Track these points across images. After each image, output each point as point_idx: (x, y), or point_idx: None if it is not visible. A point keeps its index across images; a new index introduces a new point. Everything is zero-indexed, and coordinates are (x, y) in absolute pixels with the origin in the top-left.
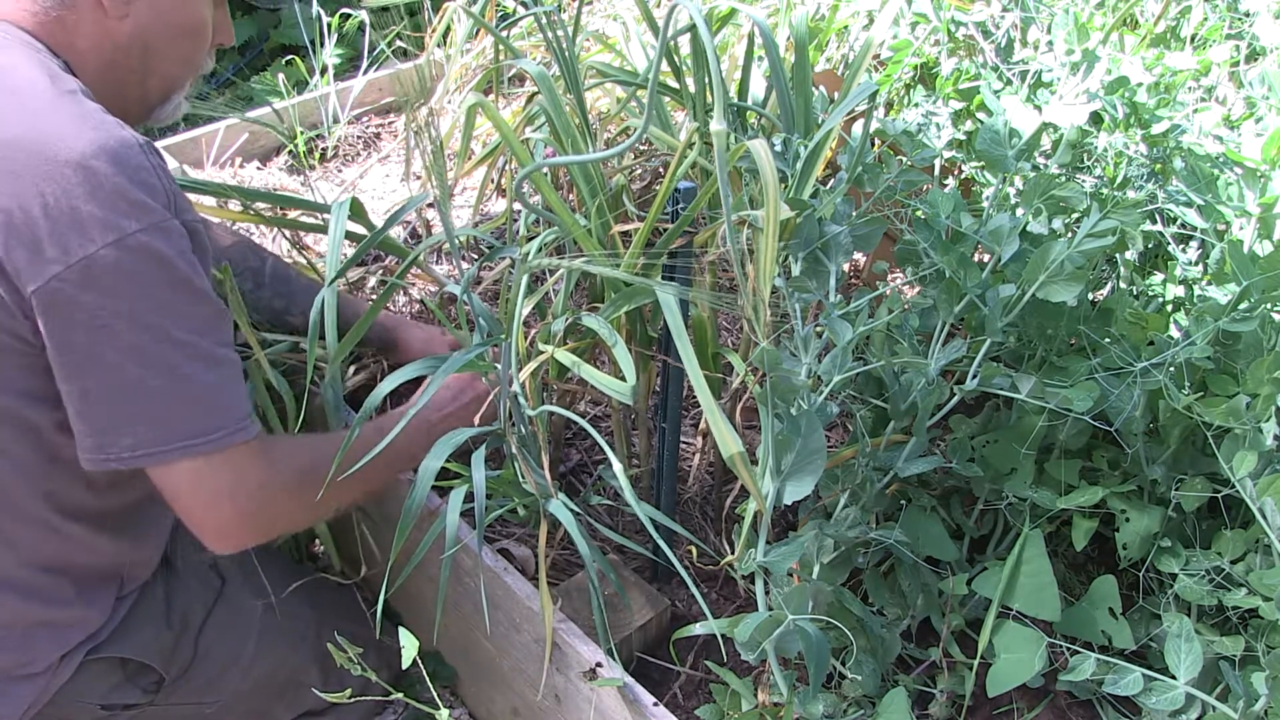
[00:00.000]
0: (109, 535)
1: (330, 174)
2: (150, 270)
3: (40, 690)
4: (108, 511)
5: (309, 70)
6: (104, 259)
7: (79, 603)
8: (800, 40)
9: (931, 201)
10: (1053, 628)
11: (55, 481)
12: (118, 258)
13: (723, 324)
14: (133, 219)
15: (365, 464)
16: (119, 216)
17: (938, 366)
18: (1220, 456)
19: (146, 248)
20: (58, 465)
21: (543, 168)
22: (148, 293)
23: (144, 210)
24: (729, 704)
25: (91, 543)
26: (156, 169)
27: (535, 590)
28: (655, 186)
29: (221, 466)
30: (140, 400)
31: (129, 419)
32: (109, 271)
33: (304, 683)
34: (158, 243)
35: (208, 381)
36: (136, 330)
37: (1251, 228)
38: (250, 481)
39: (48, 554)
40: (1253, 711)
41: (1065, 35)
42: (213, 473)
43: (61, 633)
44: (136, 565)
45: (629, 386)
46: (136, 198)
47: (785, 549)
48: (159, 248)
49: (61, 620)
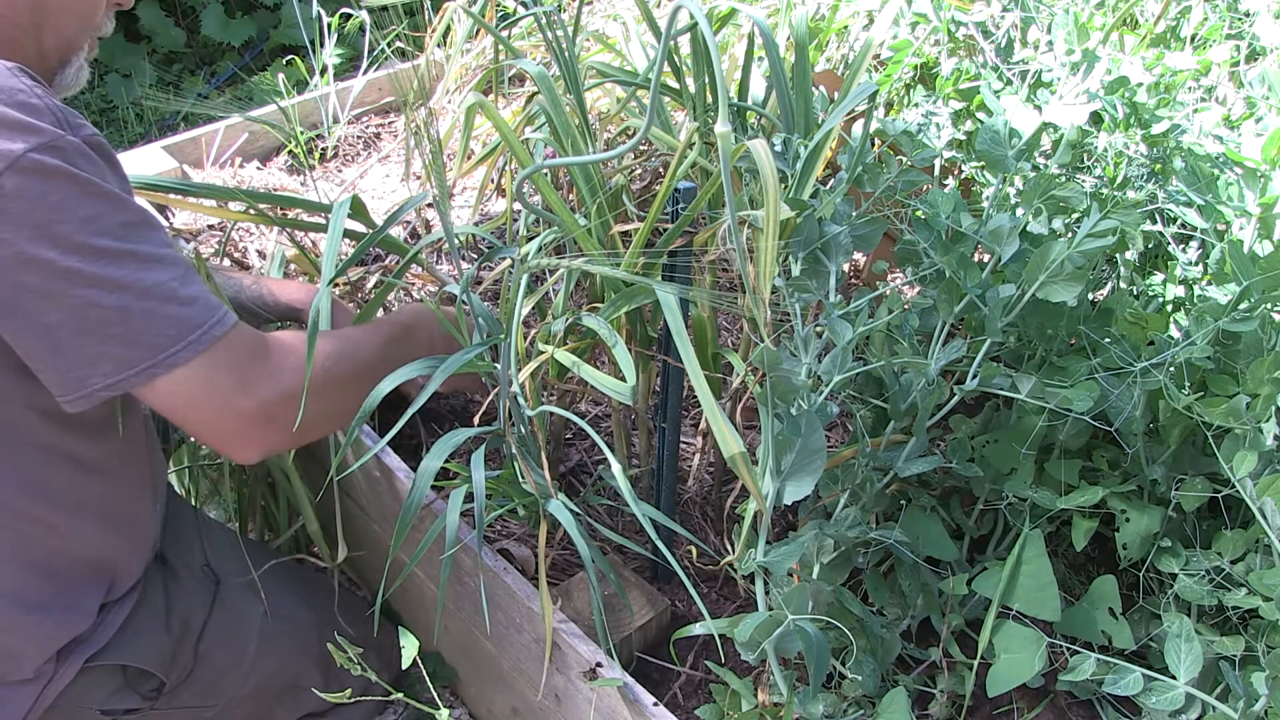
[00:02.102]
0: (89, 521)
1: (330, 174)
2: (56, 187)
3: (35, 696)
4: (86, 497)
5: (309, 70)
6: (1, 189)
7: (58, 606)
8: (800, 40)
9: (931, 201)
10: (1053, 628)
11: (28, 463)
12: (16, 183)
13: (723, 324)
14: (18, 140)
15: (374, 356)
16: (3, 142)
17: (938, 366)
18: (1220, 456)
19: (43, 166)
20: (30, 449)
21: (543, 168)
22: (62, 210)
23: (30, 130)
24: (729, 704)
25: (72, 530)
26: (33, 89)
27: (535, 590)
28: (655, 186)
29: (214, 367)
30: (98, 323)
31: (96, 345)
32: (11, 199)
33: (304, 685)
34: (54, 159)
35: (160, 282)
36: (65, 253)
37: (1251, 228)
38: (252, 374)
39: (24, 548)
40: (1253, 711)
41: (1065, 35)
42: (206, 376)
43: (43, 636)
44: (123, 561)
45: (629, 386)
46: (17, 119)
47: (785, 549)
48: (57, 163)
49: (40, 623)
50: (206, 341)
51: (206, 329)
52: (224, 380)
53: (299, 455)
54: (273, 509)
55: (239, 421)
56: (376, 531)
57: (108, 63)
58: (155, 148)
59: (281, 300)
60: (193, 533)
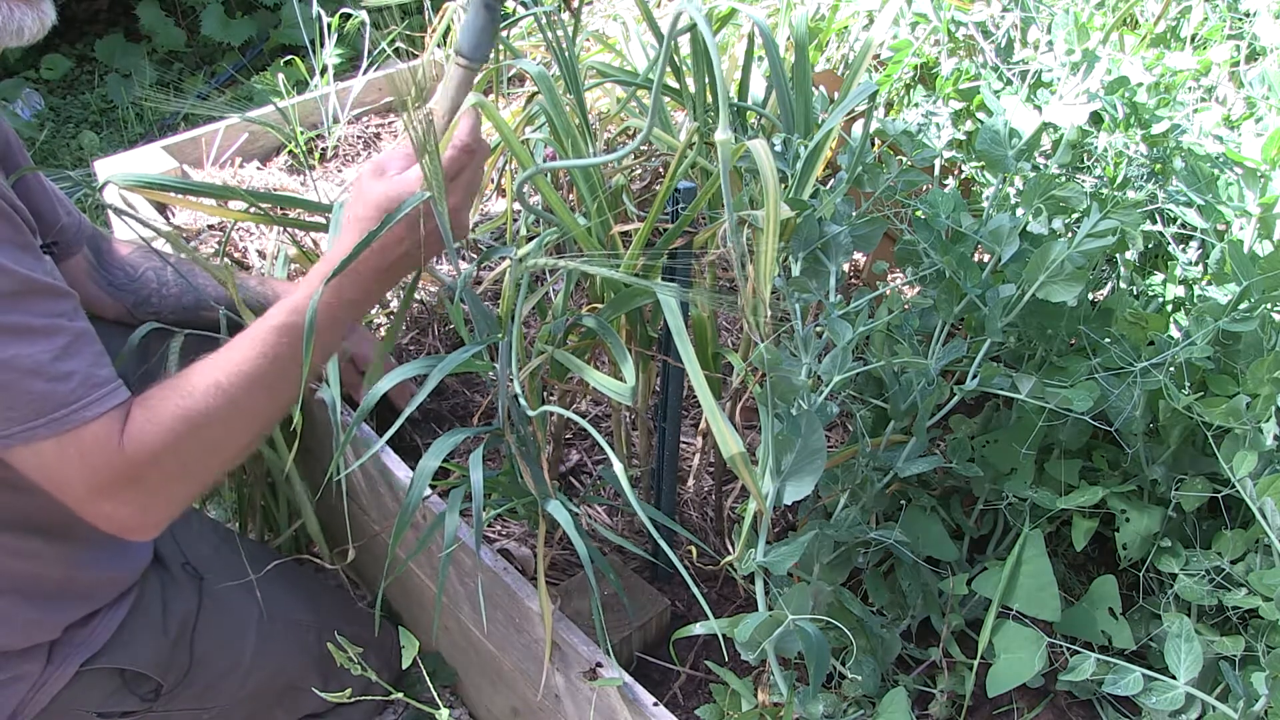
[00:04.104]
0: (43, 539)
1: (330, 174)
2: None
3: (20, 700)
4: (31, 513)
5: (309, 70)
6: None
7: (19, 620)
8: (800, 40)
9: (931, 201)
10: (1053, 628)
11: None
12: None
13: (723, 324)
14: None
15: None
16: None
17: (938, 366)
18: (1220, 456)
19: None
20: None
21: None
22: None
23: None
24: (729, 704)
25: (23, 549)
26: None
27: (535, 590)
28: (655, 186)
29: (64, 449)
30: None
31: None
32: None
33: (303, 687)
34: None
35: (24, 355)
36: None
37: (1251, 228)
38: (119, 455)
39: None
40: (1253, 711)
41: (1065, 35)
42: (58, 456)
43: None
44: (98, 581)
45: (629, 387)
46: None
47: (785, 549)
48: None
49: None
50: (71, 422)
51: (74, 409)
52: (74, 468)
53: (299, 455)
54: (272, 509)
55: (93, 507)
56: (377, 531)
57: (108, 63)
58: (155, 148)
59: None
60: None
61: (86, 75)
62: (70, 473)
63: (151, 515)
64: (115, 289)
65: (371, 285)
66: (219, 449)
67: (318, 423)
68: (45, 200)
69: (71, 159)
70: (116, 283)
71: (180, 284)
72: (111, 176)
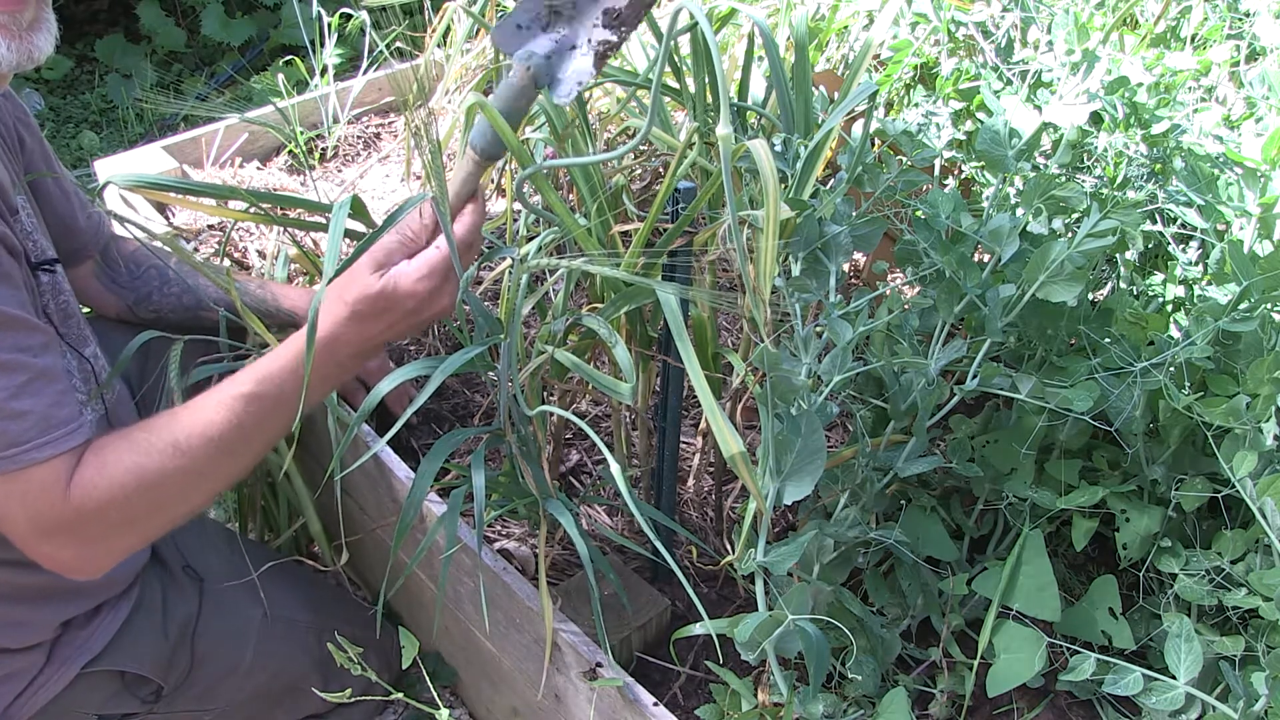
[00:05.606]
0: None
1: (330, 174)
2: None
3: (15, 698)
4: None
5: (309, 70)
6: None
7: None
8: (800, 40)
9: (931, 201)
10: (1053, 628)
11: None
12: None
13: (723, 324)
14: None
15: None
16: None
17: (938, 366)
18: (1220, 456)
19: None
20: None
21: (543, 169)
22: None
23: None
24: (729, 704)
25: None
26: None
27: (535, 590)
28: (655, 186)
29: (24, 485)
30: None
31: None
32: None
33: (304, 688)
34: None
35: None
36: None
37: (1251, 228)
38: (62, 502)
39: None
40: (1253, 711)
41: (1065, 35)
42: (10, 492)
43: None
44: (90, 580)
45: (629, 387)
46: None
47: (785, 549)
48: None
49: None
50: (19, 463)
51: (24, 449)
52: (16, 507)
53: (299, 455)
54: (272, 509)
55: (35, 547)
56: (377, 531)
57: (108, 63)
58: (155, 148)
59: (284, 306)
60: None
61: (86, 75)
62: (14, 511)
63: (91, 563)
64: (117, 285)
65: (348, 364)
66: (169, 506)
67: (318, 423)
68: (65, 205)
69: (72, 159)
70: (119, 279)
71: (181, 282)
72: (112, 177)
